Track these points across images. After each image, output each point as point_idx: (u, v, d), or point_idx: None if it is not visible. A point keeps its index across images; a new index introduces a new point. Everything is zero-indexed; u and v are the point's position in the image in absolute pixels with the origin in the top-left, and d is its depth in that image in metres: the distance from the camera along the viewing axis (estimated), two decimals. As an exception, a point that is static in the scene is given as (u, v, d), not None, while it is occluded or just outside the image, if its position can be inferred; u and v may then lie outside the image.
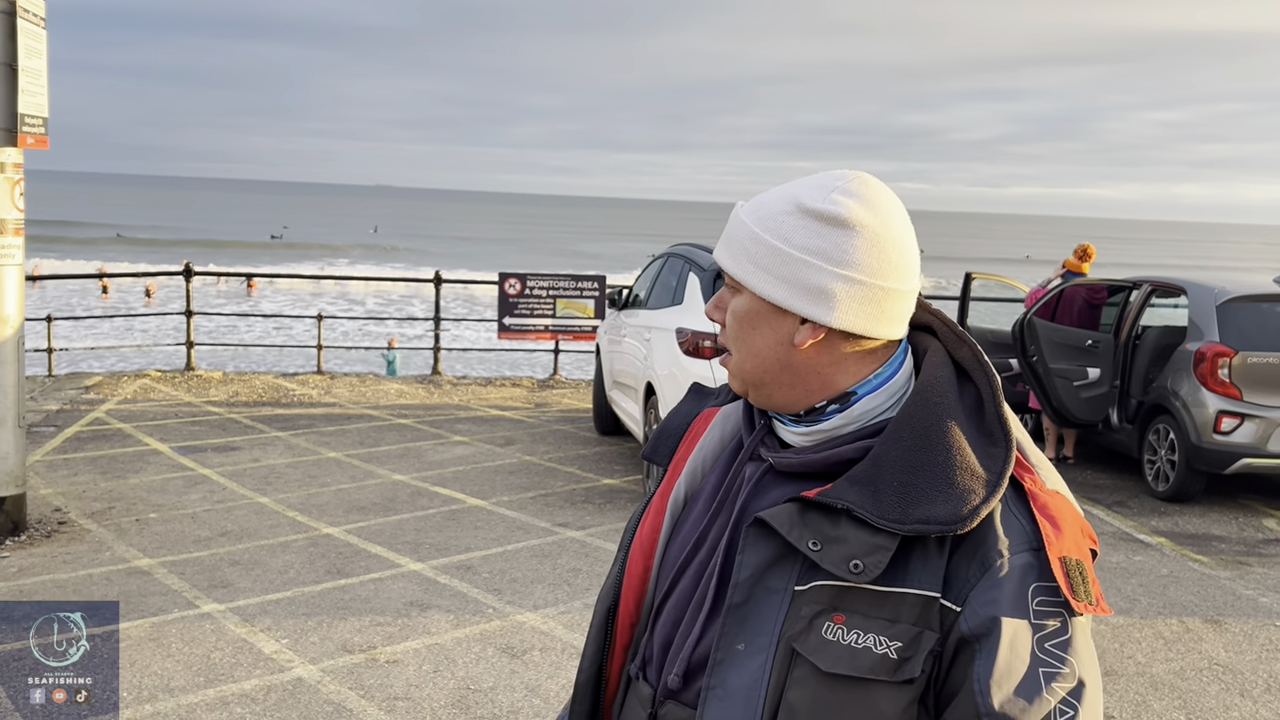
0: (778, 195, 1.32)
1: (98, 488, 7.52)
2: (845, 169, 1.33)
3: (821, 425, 1.32)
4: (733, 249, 1.32)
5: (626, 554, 1.45)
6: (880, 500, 1.20)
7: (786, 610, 1.23)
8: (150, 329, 25.99)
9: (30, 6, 6.11)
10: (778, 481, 1.33)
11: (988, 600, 1.18)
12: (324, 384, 12.10)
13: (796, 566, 1.23)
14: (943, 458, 1.21)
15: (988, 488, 1.20)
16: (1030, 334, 8.80)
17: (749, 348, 1.33)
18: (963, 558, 1.19)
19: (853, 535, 1.20)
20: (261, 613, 5.38)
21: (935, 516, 1.18)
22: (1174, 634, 5.60)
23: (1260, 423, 7.78)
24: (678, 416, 1.52)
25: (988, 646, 1.17)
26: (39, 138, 6.31)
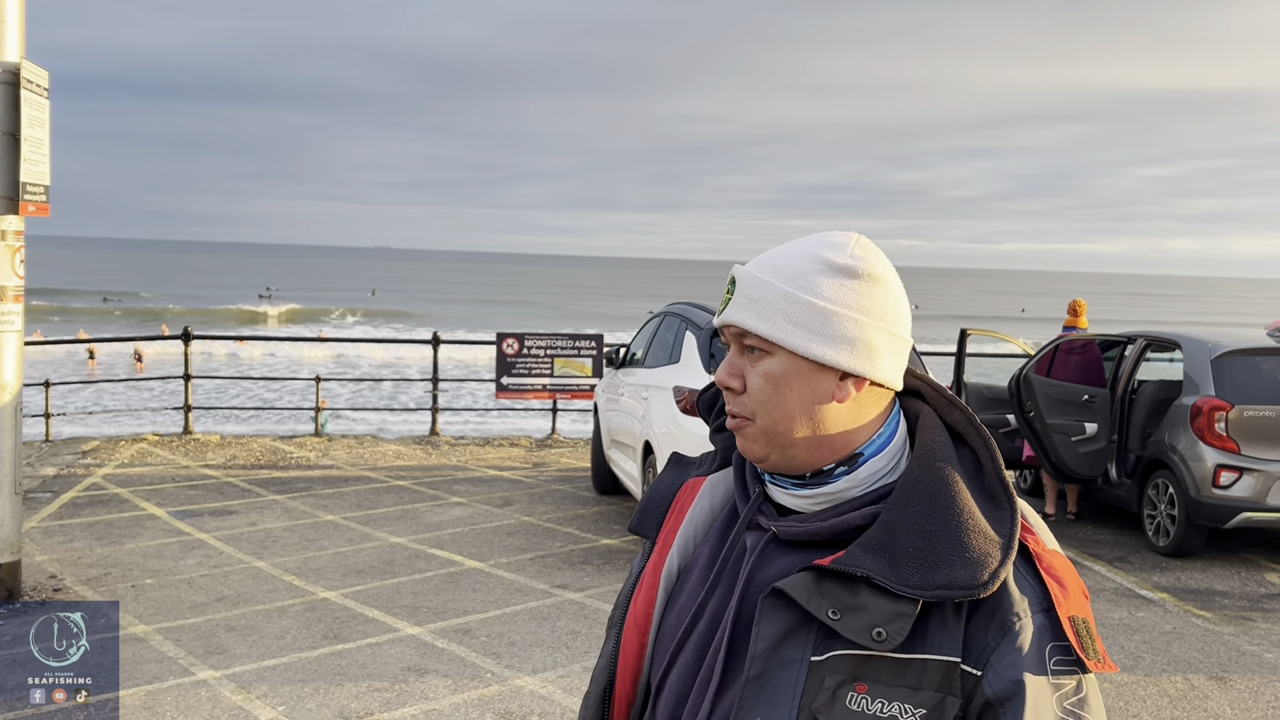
0: (795, 255, 1.32)
1: (94, 554, 7.48)
2: (836, 230, 1.36)
3: (826, 489, 1.31)
4: (762, 310, 1.29)
5: (620, 631, 1.42)
6: (898, 567, 1.20)
7: (804, 682, 1.21)
8: (149, 394, 25.99)
9: (33, 77, 6.21)
10: (782, 550, 1.32)
11: (1010, 663, 1.19)
12: (322, 446, 12.08)
13: (812, 637, 1.22)
14: (955, 522, 1.22)
15: (1002, 551, 1.21)
16: (1027, 389, 8.82)
17: (782, 409, 1.30)
18: (981, 621, 1.20)
19: (873, 603, 1.20)
20: (258, 679, 5.33)
21: (957, 581, 1.18)
22: (1179, 691, 5.55)
23: (1259, 476, 7.77)
24: (662, 487, 1.50)
25: (1013, 709, 1.18)
26: (40, 205, 6.37)
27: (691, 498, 1.45)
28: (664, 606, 1.39)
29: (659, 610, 1.39)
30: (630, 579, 1.47)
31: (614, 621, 1.45)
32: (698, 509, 1.43)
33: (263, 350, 39.79)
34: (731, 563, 1.35)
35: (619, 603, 1.46)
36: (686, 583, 1.38)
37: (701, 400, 1.56)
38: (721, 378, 1.34)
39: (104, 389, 27.27)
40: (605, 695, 1.41)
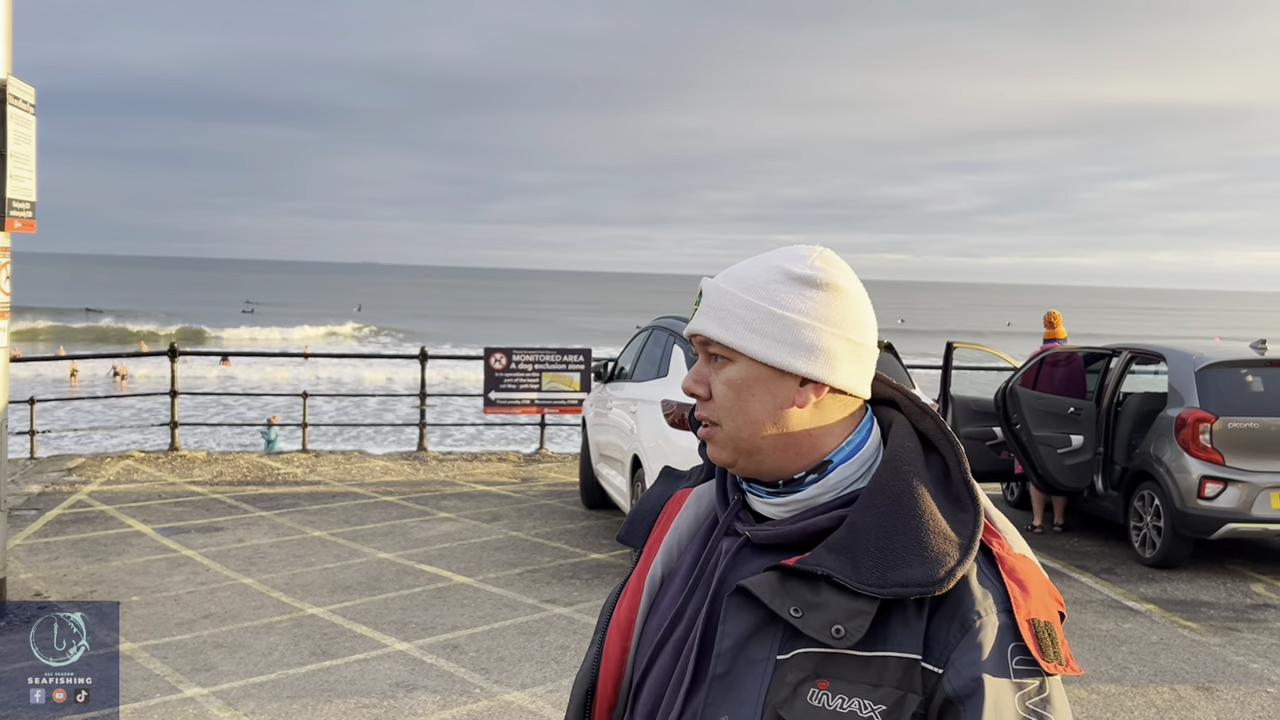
0: (757, 267, 1.37)
1: (79, 571, 7.44)
2: (800, 244, 1.40)
3: (798, 495, 1.35)
4: (724, 319, 1.34)
5: (604, 636, 1.45)
6: (858, 566, 1.23)
7: (770, 680, 1.24)
8: (129, 411, 25.87)
9: (20, 93, 6.20)
10: (755, 554, 1.36)
11: (970, 661, 1.21)
12: (309, 462, 12.04)
13: (778, 636, 1.26)
14: (915, 523, 1.25)
15: (961, 551, 1.24)
16: (1013, 402, 8.87)
17: (745, 415, 1.34)
18: (942, 620, 1.23)
19: (833, 601, 1.23)
20: (245, 696, 5.30)
21: (913, 579, 1.22)
22: (1166, 702, 5.57)
23: (1243, 487, 7.82)
24: (651, 499, 1.54)
25: (973, 707, 1.20)
26: (26, 222, 6.36)
27: (678, 508, 1.49)
28: (646, 612, 1.43)
29: (641, 615, 1.42)
30: (615, 589, 1.50)
31: (599, 627, 1.48)
32: (683, 518, 1.47)
33: (242, 366, 39.65)
34: (709, 567, 1.39)
35: (605, 609, 1.49)
36: (669, 589, 1.42)
37: (693, 417, 1.59)
38: (688, 385, 1.38)
39: (87, 406, 27.15)
40: (588, 699, 1.44)
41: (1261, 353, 8.42)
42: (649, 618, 1.42)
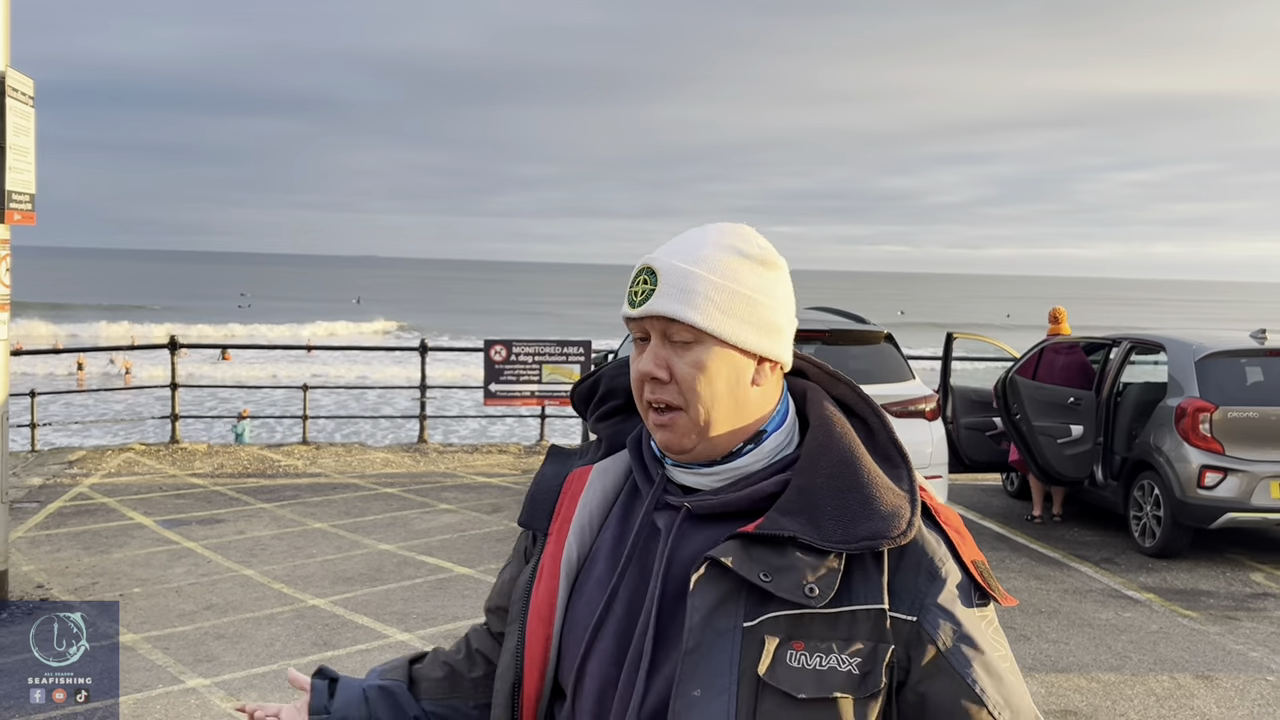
0: (710, 247, 1.36)
1: (81, 563, 7.45)
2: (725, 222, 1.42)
3: (733, 465, 1.37)
4: (693, 301, 1.32)
5: (523, 625, 1.40)
6: (820, 526, 1.28)
7: (740, 648, 1.26)
8: (119, 405, 25.89)
9: (19, 85, 6.20)
10: (698, 526, 1.35)
11: (947, 604, 1.30)
12: (310, 454, 12.05)
13: (741, 604, 1.27)
14: (864, 481, 1.31)
15: (910, 504, 1.31)
16: (1013, 393, 8.87)
17: (713, 396, 1.34)
18: (907, 571, 1.30)
19: (801, 562, 1.27)
20: (247, 686, 5.32)
21: (879, 531, 1.27)
22: (1166, 690, 5.59)
23: (1243, 477, 7.83)
24: (546, 479, 1.50)
25: (960, 646, 1.29)
26: (26, 214, 6.36)
27: (581, 486, 1.45)
28: (568, 596, 1.39)
29: (563, 601, 1.39)
30: (525, 574, 1.44)
31: (514, 616, 1.42)
32: (590, 496, 1.44)
33: (240, 359, 39.66)
34: (642, 545, 1.37)
35: (517, 597, 1.43)
36: (592, 570, 1.39)
37: (578, 393, 1.58)
38: (649, 369, 1.34)
39: (89, 399, 27.16)
40: (514, 690, 1.39)
41: (1261, 342, 8.43)
42: (572, 602, 1.39)
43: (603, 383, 1.55)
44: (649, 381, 1.35)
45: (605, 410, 1.53)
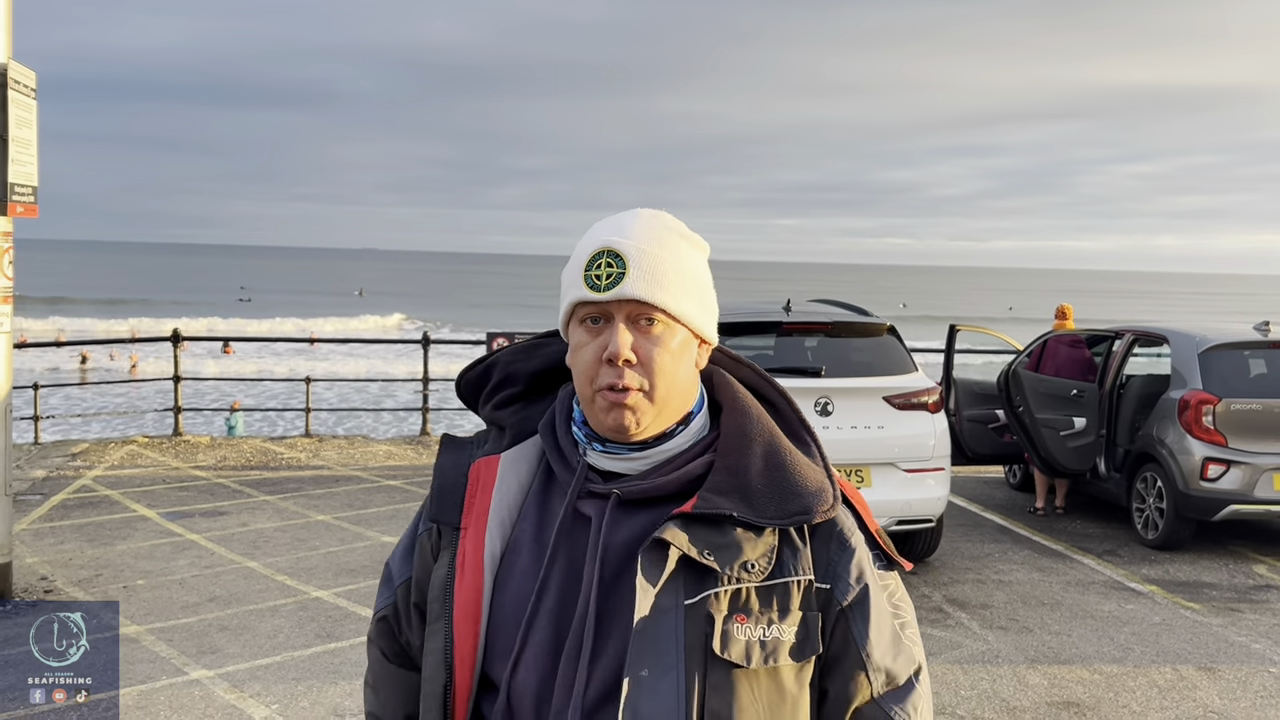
0: (664, 231, 1.40)
1: (85, 555, 7.46)
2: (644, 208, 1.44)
3: (663, 447, 1.39)
4: (666, 285, 1.35)
5: (449, 625, 1.36)
6: (754, 504, 1.34)
7: (683, 625, 1.29)
8: (134, 397, 25.90)
9: (20, 78, 6.19)
10: (628, 511, 1.37)
11: (856, 573, 1.38)
12: (312, 447, 12.06)
13: (680, 583, 1.30)
14: (789, 460, 1.38)
15: (829, 479, 1.39)
16: (1016, 385, 8.86)
17: (677, 377, 1.38)
18: (822, 542, 1.37)
19: (741, 538, 1.32)
20: (251, 678, 5.33)
21: (808, 507, 1.35)
22: (1168, 682, 5.59)
23: (1246, 469, 7.83)
24: (450, 472, 1.46)
25: (863, 612, 1.37)
26: (28, 206, 6.35)
27: (491, 478, 1.43)
28: (492, 591, 1.37)
29: (488, 596, 1.36)
30: (440, 572, 1.41)
31: (435, 616, 1.39)
32: (505, 488, 1.42)
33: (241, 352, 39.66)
34: (570, 534, 1.36)
35: (435, 596, 1.40)
36: (515, 563, 1.37)
37: (467, 381, 1.55)
38: (620, 350, 1.33)
39: (91, 392, 27.19)
40: (444, 694, 1.36)
41: (1265, 334, 8.42)
42: (497, 596, 1.36)
43: (497, 369, 1.53)
44: (609, 365, 1.34)
45: (504, 398, 1.51)
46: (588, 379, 1.36)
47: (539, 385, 1.52)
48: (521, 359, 1.52)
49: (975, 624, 6.42)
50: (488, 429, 1.51)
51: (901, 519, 7.09)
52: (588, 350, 1.36)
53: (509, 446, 1.46)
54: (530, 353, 1.53)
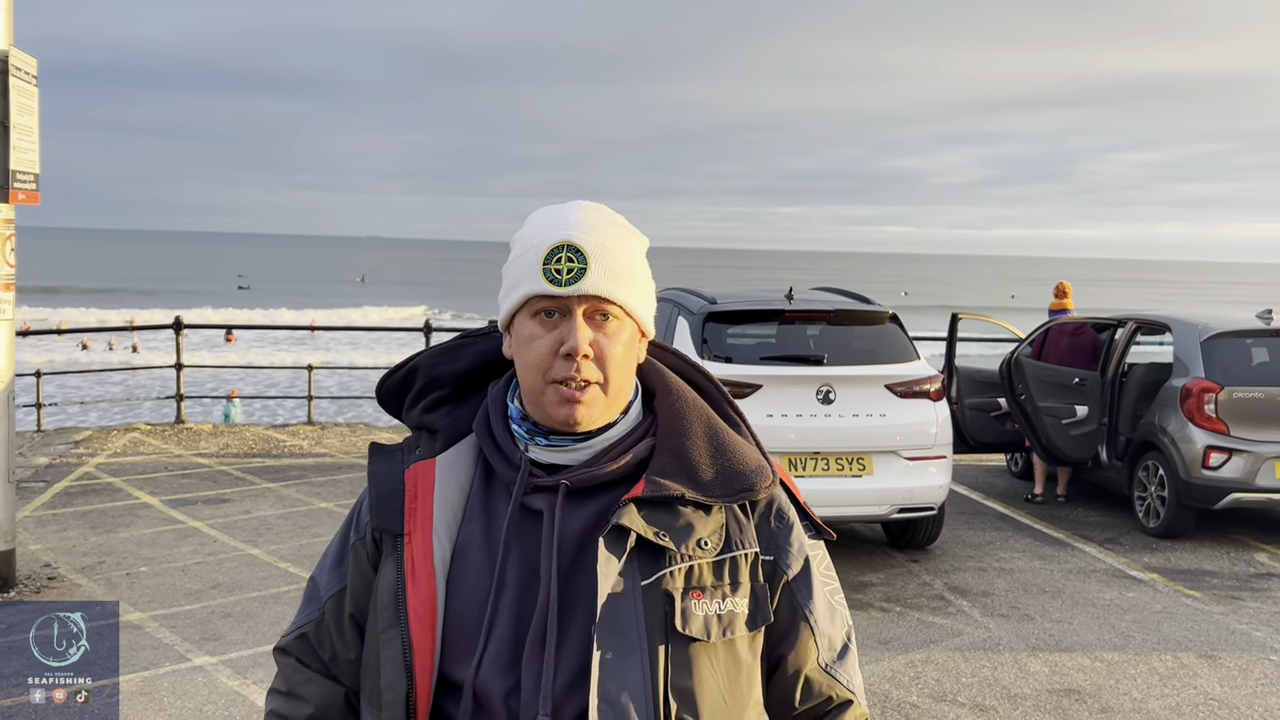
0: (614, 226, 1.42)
1: (88, 542, 7.48)
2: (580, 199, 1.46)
3: (605, 436, 1.42)
4: (625, 283, 1.39)
5: (405, 632, 1.36)
6: (700, 484, 1.38)
7: (642, 606, 1.33)
8: (134, 385, 25.91)
9: (22, 65, 6.18)
10: (576, 501, 1.39)
11: (797, 545, 1.45)
12: (315, 434, 12.08)
13: (635, 565, 1.34)
14: (728, 441, 1.44)
15: (765, 457, 1.45)
16: (1018, 373, 8.86)
17: (626, 372, 1.42)
18: (765, 517, 1.44)
19: (691, 518, 1.37)
20: (254, 665, 5.35)
21: (751, 484, 1.41)
22: (1169, 670, 5.60)
23: (1248, 457, 7.83)
24: (387, 479, 1.45)
25: (805, 581, 1.45)
26: (30, 194, 6.35)
27: (429, 482, 1.42)
28: (445, 594, 1.37)
29: (442, 599, 1.36)
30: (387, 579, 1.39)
31: (388, 623, 1.37)
32: (446, 491, 1.42)
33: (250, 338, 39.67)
34: (520, 528, 1.38)
35: (384, 604, 1.38)
36: (466, 564, 1.38)
37: (387, 387, 1.55)
38: (579, 346, 1.35)
39: (93, 380, 27.22)
40: (408, 699, 1.35)
41: (1268, 323, 8.41)
42: (451, 599, 1.36)
43: (420, 374, 1.53)
44: (565, 359, 1.35)
45: (432, 401, 1.51)
46: (539, 371, 1.37)
47: (464, 387, 1.53)
48: (446, 362, 1.53)
49: (976, 612, 6.43)
50: (416, 434, 1.51)
51: (903, 507, 7.10)
52: (541, 344, 1.36)
53: (442, 450, 1.46)
54: (454, 354, 1.53)
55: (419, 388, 1.52)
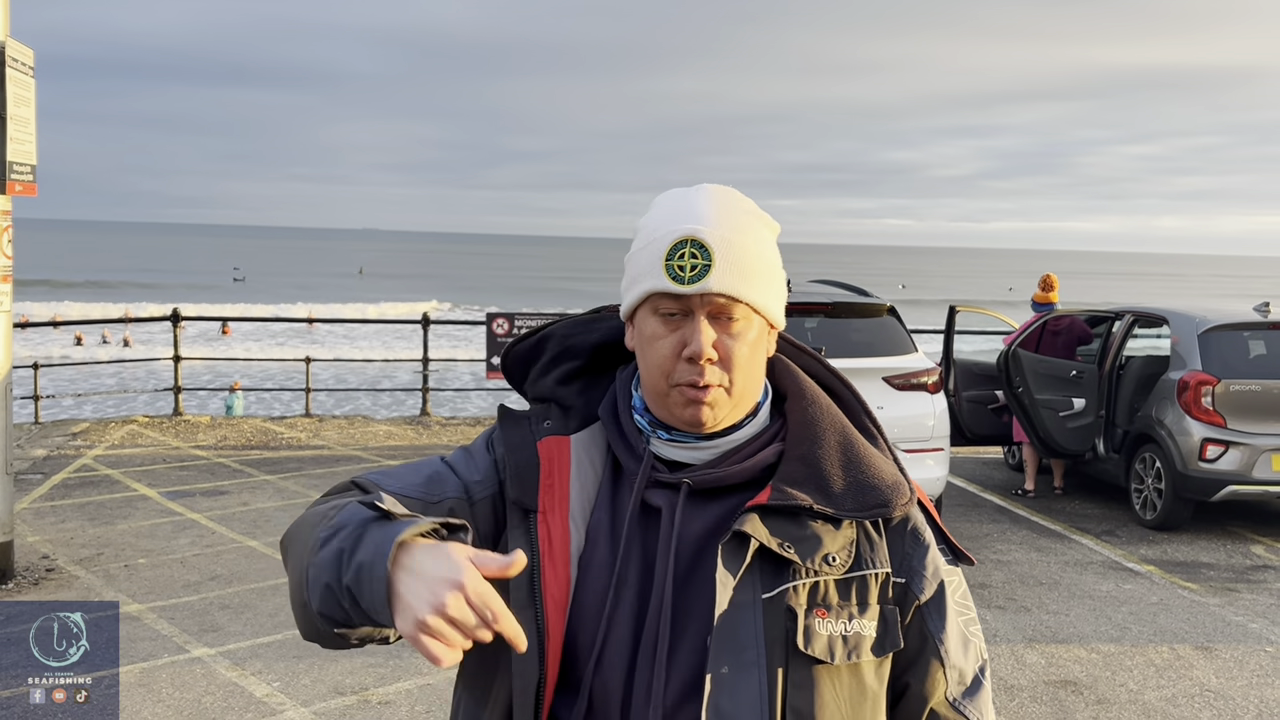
0: (742, 215, 1.32)
1: (86, 534, 7.48)
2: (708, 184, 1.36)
3: (733, 437, 1.34)
4: (749, 278, 1.29)
5: (542, 615, 1.27)
6: (831, 495, 1.30)
7: (762, 620, 1.25)
8: (129, 377, 25.90)
9: (19, 55, 6.17)
10: (699, 502, 1.31)
11: (932, 569, 1.35)
12: (312, 427, 12.08)
13: (757, 576, 1.26)
14: (863, 452, 1.34)
15: (902, 472, 1.36)
16: (1015, 366, 8.87)
17: (753, 373, 1.33)
18: (897, 536, 1.34)
19: (820, 531, 1.29)
20: (252, 656, 5.36)
21: (887, 500, 1.31)
22: (1165, 661, 5.62)
23: (1245, 450, 7.84)
24: (522, 450, 1.36)
25: (939, 608, 1.35)
26: (27, 185, 6.34)
27: (562, 460, 1.35)
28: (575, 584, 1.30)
29: (573, 589, 1.29)
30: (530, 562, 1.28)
31: (522, 604, 1.26)
32: (581, 473, 1.35)
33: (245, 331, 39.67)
34: (641, 526, 1.31)
35: (516, 585, 1.27)
36: (593, 555, 1.31)
37: (515, 354, 1.45)
38: (705, 350, 1.27)
39: (92, 372, 27.20)
40: (539, 689, 1.26)
41: (1264, 315, 8.42)
42: (578, 589, 1.29)
43: (552, 343, 1.44)
44: (688, 363, 1.27)
45: (565, 372, 1.42)
46: (663, 374, 1.29)
47: (598, 362, 1.44)
48: (580, 332, 1.44)
49: (973, 603, 6.44)
50: (544, 405, 1.41)
51: (900, 499, 7.10)
52: (664, 344, 1.29)
53: (576, 430, 1.38)
54: (589, 326, 1.45)
55: (550, 357, 1.43)
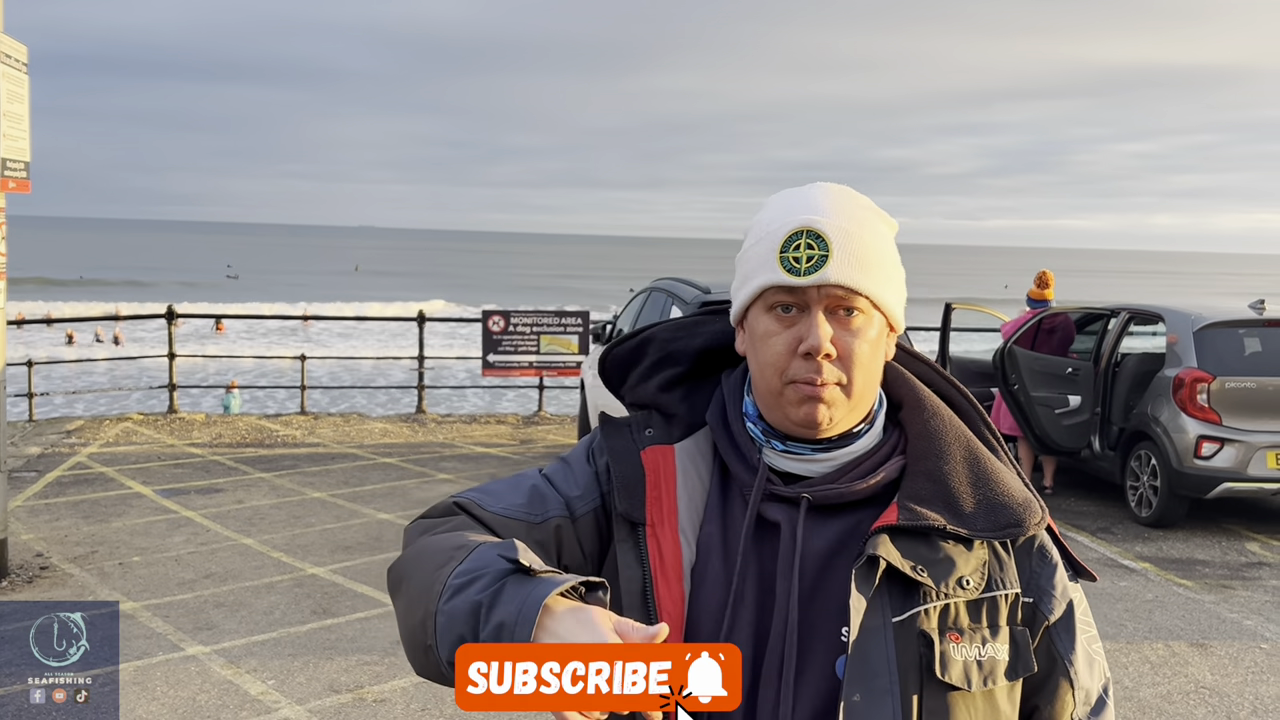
0: (859, 208, 1.26)
1: (80, 532, 7.46)
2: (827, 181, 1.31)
3: (850, 448, 1.28)
4: (869, 270, 1.23)
5: None
6: (961, 515, 1.24)
7: (893, 645, 1.19)
8: (121, 375, 25.86)
9: (12, 52, 6.15)
10: (818, 518, 1.25)
11: (1061, 588, 1.30)
12: (308, 424, 12.06)
13: (886, 599, 1.20)
14: (990, 468, 1.29)
15: (1030, 489, 1.30)
16: (1011, 363, 8.87)
17: (875, 371, 1.27)
18: (1025, 555, 1.29)
19: (952, 553, 1.23)
20: (247, 654, 5.34)
21: (1020, 519, 1.26)
22: (1160, 658, 5.63)
23: (1240, 447, 7.85)
24: (627, 460, 1.31)
25: (1067, 628, 1.30)
26: (20, 182, 6.32)
27: (667, 469, 1.30)
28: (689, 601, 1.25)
29: (688, 607, 1.24)
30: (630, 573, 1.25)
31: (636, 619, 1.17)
32: (689, 485, 1.29)
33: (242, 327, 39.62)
34: (758, 542, 1.25)
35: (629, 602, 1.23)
36: (705, 571, 1.25)
37: (614, 357, 1.40)
38: (823, 345, 1.21)
39: (85, 370, 27.15)
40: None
41: (1260, 313, 8.42)
42: (691, 605, 1.24)
43: (653, 346, 1.39)
44: (805, 359, 1.22)
45: (668, 378, 1.36)
46: (777, 372, 1.23)
47: (701, 367, 1.38)
48: (683, 336, 1.38)
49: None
50: (645, 413, 1.36)
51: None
52: (778, 341, 1.23)
53: (680, 438, 1.32)
54: (691, 330, 1.39)
55: (651, 361, 1.37)
